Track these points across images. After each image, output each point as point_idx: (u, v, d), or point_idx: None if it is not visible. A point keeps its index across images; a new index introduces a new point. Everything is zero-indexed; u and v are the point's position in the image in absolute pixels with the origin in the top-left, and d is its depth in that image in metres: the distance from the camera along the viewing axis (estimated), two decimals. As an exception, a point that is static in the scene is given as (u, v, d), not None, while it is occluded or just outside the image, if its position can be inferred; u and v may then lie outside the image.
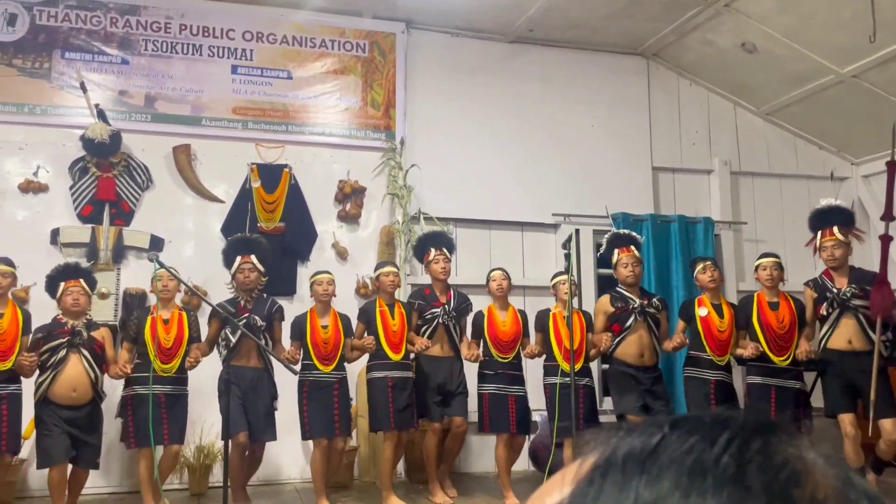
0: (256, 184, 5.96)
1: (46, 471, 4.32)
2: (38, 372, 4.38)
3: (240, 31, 6.14)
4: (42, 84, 5.72)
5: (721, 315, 5.04)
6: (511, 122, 6.62)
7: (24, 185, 5.55)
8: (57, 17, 5.82)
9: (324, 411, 4.75)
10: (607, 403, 5.66)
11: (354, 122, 6.31)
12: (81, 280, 4.51)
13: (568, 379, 4.78)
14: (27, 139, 5.62)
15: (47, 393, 4.31)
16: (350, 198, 6.17)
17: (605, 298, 5.21)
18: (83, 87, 5.64)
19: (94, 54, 5.85)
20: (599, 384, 5.95)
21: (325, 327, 4.87)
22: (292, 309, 5.26)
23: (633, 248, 5.16)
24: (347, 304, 5.39)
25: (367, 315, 5.04)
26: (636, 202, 6.69)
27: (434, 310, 5.14)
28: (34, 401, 4.35)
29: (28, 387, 4.46)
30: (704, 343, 5.01)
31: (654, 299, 5.18)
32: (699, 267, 5.21)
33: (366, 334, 5.01)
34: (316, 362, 4.81)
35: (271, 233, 5.80)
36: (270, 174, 6.02)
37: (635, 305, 5.04)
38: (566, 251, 4.89)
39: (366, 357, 5.06)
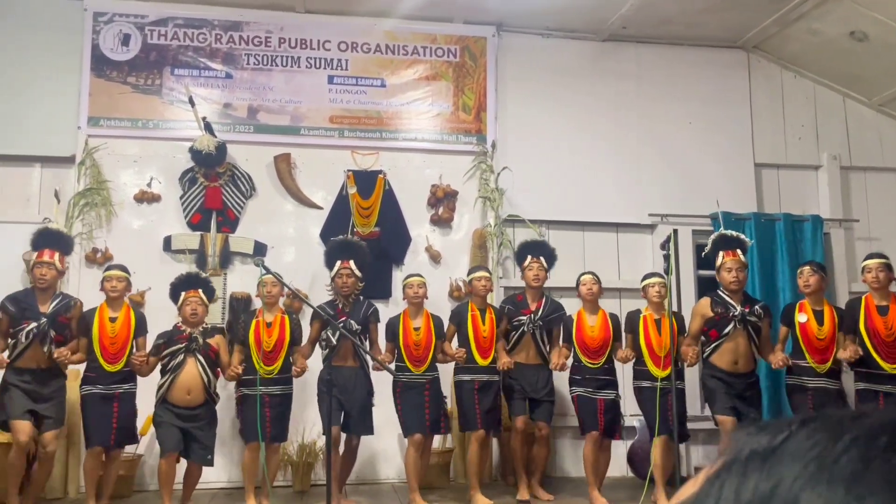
0: (352, 190, 6.12)
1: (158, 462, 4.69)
2: (159, 374, 4.70)
3: (335, 42, 6.32)
4: (154, 100, 6.07)
5: (821, 322, 4.83)
6: (605, 122, 6.52)
7: (138, 195, 5.91)
8: (167, 35, 6.15)
9: (416, 410, 4.89)
10: (708, 410, 5.48)
11: (446, 126, 6.38)
12: (200, 291, 4.78)
13: (657, 383, 4.79)
14: (141, 152, 5.98)
15: (166, 395, 4.63)
16: (442, 202, 6.24)
17: (706, 301, 5.03)
18: (191, 102, 5.94)
19: (200, 70, 6.15)
20: (700, 392, 5.78)
21: (416, 329, 4.99)
22: (387, 312, 5.38)
23: (738, 251, 4.96)
24: (440, 306, 5.46)
25: (458, 317, 5.14)
26: (738, 200, 6.44)
27: (521, 317, 5.17)
28: (155, 401, 4.67)
29: (144, 386, 4.76)
30: (804, 350, 4.84)
31: (757, 306, 4.96)
32: (798, 271, 5.04)
33: (456, 336, 5.12)
34: (408, 364, 4.94)
35: (367, 237, 5.94)
36: (366, 180, 6.16)
37: (735, 313, 4.86)
38: (665, 252, 4.77)
39: None
